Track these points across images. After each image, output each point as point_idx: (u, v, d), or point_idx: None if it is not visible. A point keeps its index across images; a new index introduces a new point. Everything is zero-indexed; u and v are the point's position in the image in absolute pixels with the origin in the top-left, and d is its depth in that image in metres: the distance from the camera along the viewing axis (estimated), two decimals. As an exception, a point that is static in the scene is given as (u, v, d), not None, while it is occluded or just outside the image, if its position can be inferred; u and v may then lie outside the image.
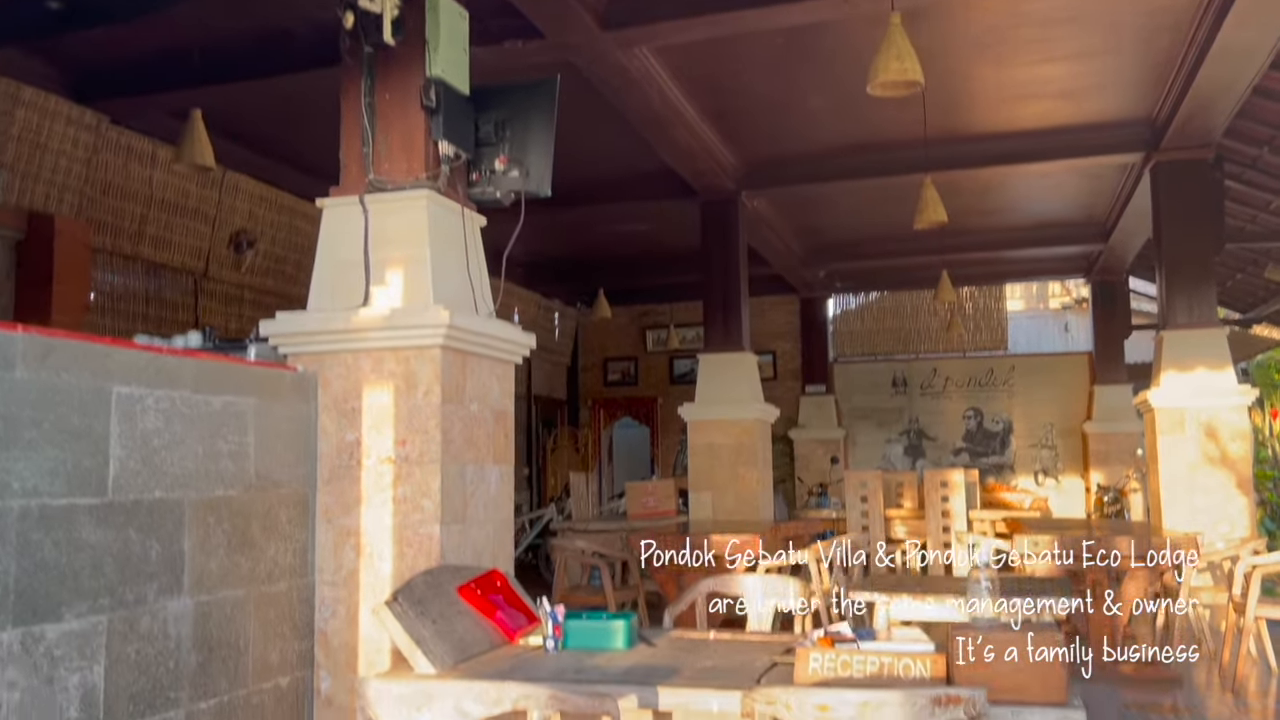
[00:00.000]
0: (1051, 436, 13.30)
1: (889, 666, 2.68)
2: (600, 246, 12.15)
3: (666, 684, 2.72)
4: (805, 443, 14.02)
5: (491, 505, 3.92)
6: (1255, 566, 5.63)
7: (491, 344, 3.92)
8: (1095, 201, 10.21)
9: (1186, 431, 7.58)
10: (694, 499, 8.76)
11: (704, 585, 4.23)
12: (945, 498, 9.61)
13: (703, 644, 3.40)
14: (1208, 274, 7.90)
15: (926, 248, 11.37)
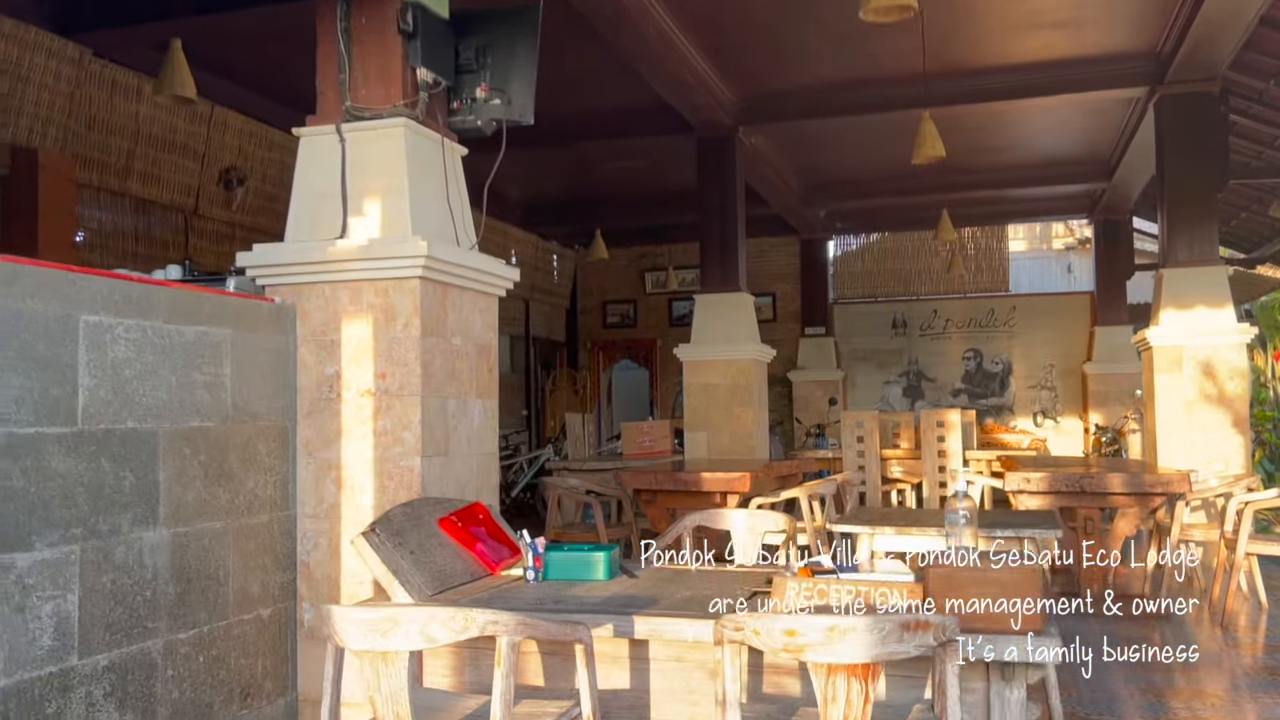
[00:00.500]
0: (1051, 378, 13.26)
1: (866, 596, 2.67)
2: (597, 186, 12.02)
3: (643, 613, 2.72)
4: (804, 384, 13.99)
5: (475, 439, 3.90)
6: (1248, 503, 5.63)
7: (473, 276, 3.86)
8: (1099, 138, 10.04)
9: (1184, 370, 7.53)
10: (689, 439, 8.76)
11: (690, 519, 4.23)
12: (941, 438, 9.61)
13: (685, 576, 3.39)
14: (1210, 210, 7.78)
15: (927, 186, 11.25)
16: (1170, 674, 4.67)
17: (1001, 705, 2.50)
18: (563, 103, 8.67)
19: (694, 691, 2.78)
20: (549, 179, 11.89)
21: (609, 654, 2.85)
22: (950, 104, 7.77)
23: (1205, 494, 6.28)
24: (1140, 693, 4.34)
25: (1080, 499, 5.76)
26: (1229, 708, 4.20)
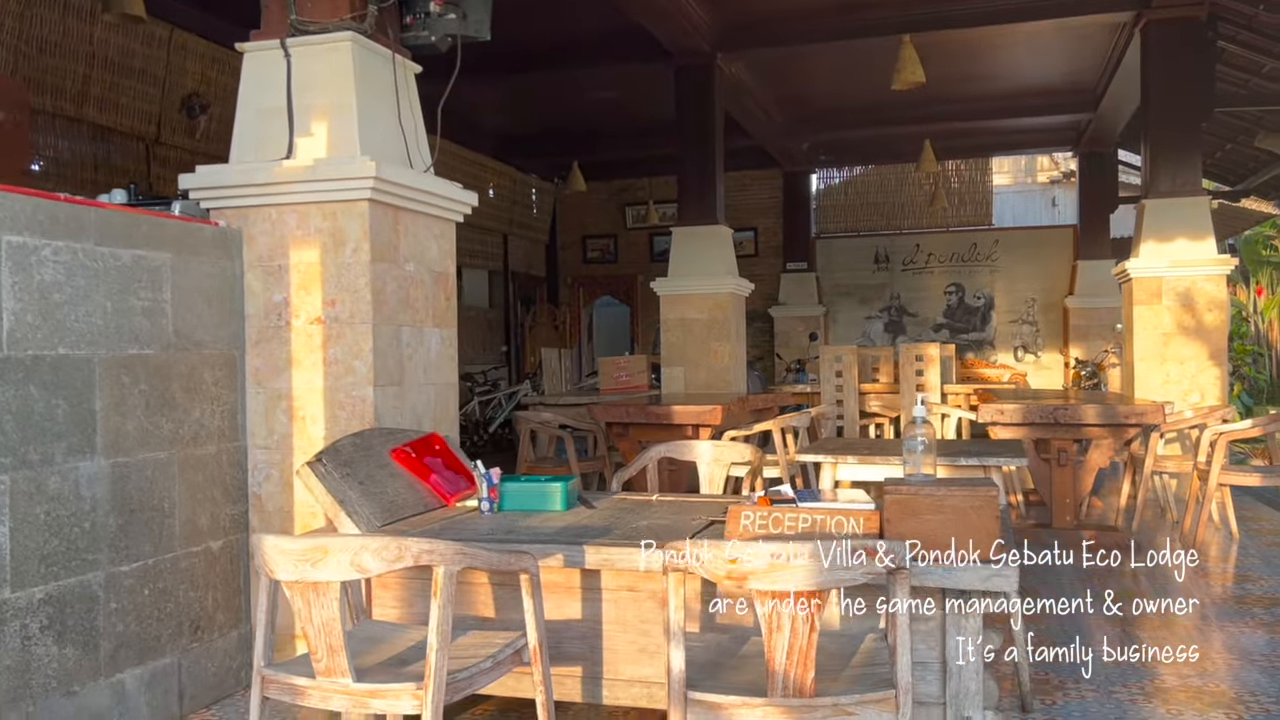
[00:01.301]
0: (1033, 312, 13.20)
1: (821, 523, 2.60)
2: (575, 117, 11.77)
3: (595, 543, 2.64)
4: (785, 320, 13.91)
5: (432, 369, 3.80)
6: (1221, 434, 5.60)
7: (428, 200, 3.72)
8: (1084, 66, 9.84)
9: (1163, 301, 7.46)
10: (666, 373, 8.68)
11: (655, 451, 4.15)
12: (920, 372, 9.59)
13: (645, 506, 3.32)
14: (1194, 140, 7.65)
15: (910, 117, 11.04)
16: (1140, 603, 4.66)
17: (960, 633, 2.45)
18: (535, 27, 8.41)
19: (647, 621, 2.72)
20: (525, 109, 11.63)
21: (561, 584, 2.79)
22: (932, 28, 7.57)
23: (1179, 425, 6.25)
24: (1108, 621, 4.32)
25: (1054, 430, 5.71)
26: (1197, 637, 4.19)
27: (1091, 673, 3.66)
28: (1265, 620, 4.34)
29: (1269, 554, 5.61)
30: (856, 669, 2.26)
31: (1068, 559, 2.96)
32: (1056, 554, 3.01)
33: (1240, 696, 3.39)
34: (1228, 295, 7.67)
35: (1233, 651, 3.95)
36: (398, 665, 2.31)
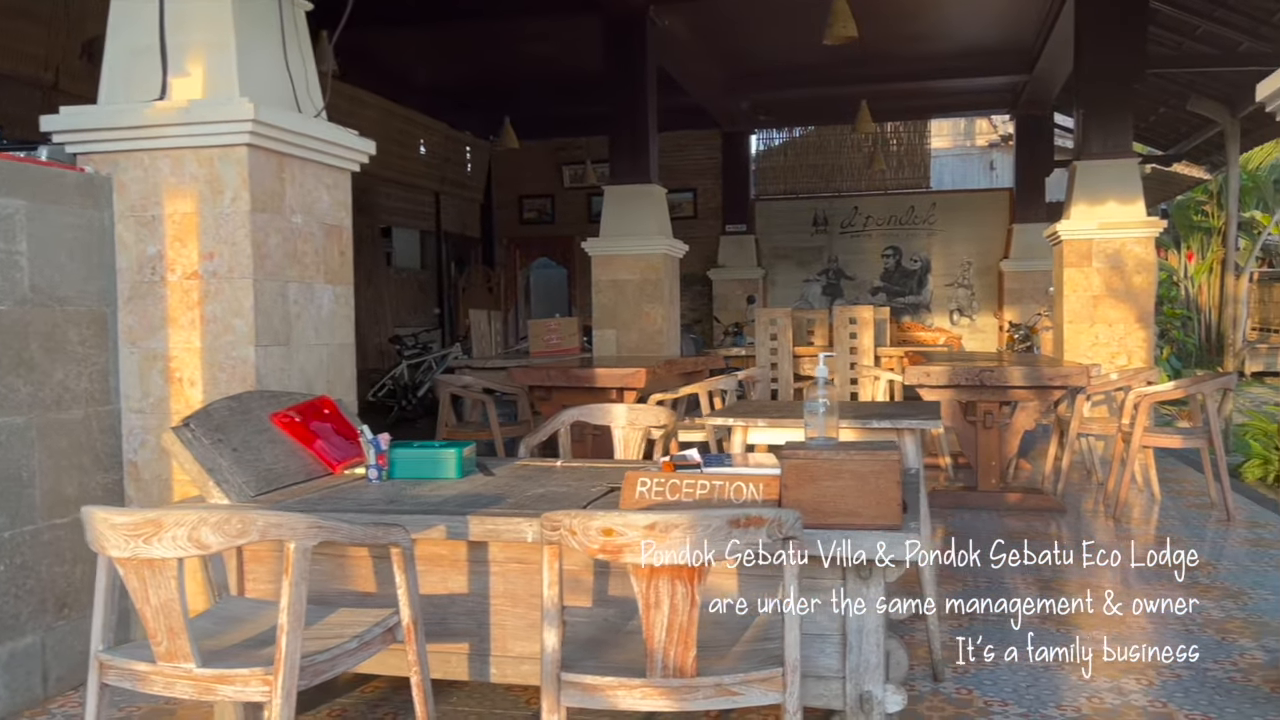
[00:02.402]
0: (969, 275, 13.23)
1: (719, 490, 2.46)
2: (509, 72, 11.41)
3: (482, 513, 2.48)
4: (724, 283, 13.79)
5: (325, 328, 3.57)
6: (1144, 395, 5.58)
7: (317, 147, 3.48)
8: (1020, 27, 9.76)
9: (1092, 263, 7.45)
10: (598, 336, 8.51)
11: (568, 414, 3.99)
12: (854, 335, 9.53)
13: (548, 472, 3.16)
14: (1126, 102, 7.60)
15: (849, 77, 10.91)
16: (1061, 566, 4.63)
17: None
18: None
19: (538, 596, 2.55)
20: (457, 63, 11.27)
21: (446, 557, 2.62)
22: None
23: (1105, 388, 6.24)
24: (1027, 584, 4.28)
25: (980, 393, 5.65)
26: (1112, 600, 4.16)
27: (1007, 638, 3.60)
28: (1180, 583, 4.32)
29: (1188, 515, 5.63)
30: (747, 645, 2.13)
31: (994, 520, 2.87)
32: (983, 517, 2.92)
33: (1152, 661, 3.34)
34: (1156, 258, 7.67)
35: (1146, 615, 3.91)
36: (255, 647, 2.13)
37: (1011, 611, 3.89)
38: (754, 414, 3.50)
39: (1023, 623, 3.74)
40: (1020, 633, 3.62)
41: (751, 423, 3.38)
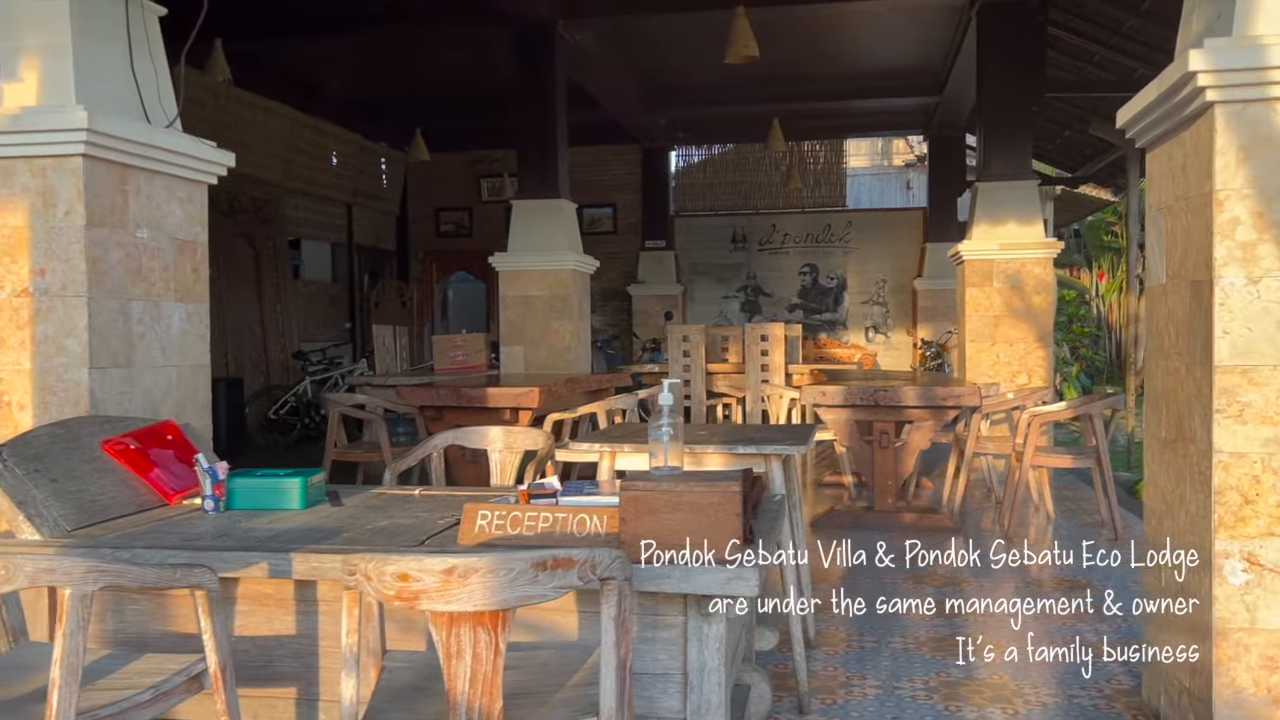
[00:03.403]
0: (883, 293, 13.37)
1: (562, 523, 2.36)
2: (424, 82, 11.24)
3: (308, 549, 2.34)
4: (643, 298, 13.75)
5: (174, 350, 3.39)
6: (1035, 415, 5.63)
7: (167, 159, 3.31)
8: (929, 50, 9.90)
9: (993, 283, 7.55)
10: (505, 353, 8.36)
11: (441, 438, 3.86)
12: (765, 352, 9.51)
13: (402, 502, 3.02)
14: (1025, 125, 7.75)
15: (765, 96, 10.96)
16: (945, 586, 4.63)
17: (700, 642, 2.24)
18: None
19: (368, 636, 2.42)
20: (371, 73, 11.06)
21: (272, 596, 2.48)
22: (769, 3, 7.41)
23: (999, 407, 6.29)
24: (905, 609, 4.25)
25: (875, 412, 5.66)
26: (990, 624, 4.15)
27: (879, 668, 3.55)
28: (1059, 604, 4.33)
29: (1078, 534, 5.69)
30: (572, 690, 2.02)
31: (886, 540, 2.85)
32: (877, 536, 2.88)
33: (1019, 689, 3.32)
34: (1054, 278, 7.81)
35: (1020, 638, 3.91)
36: (37, 701, 1.96)
37: (885, 639, 3.85)
38: (621, 439, 3.41)
39: (895, 652, 3.70)
40: (892, 662, 3.59)
41: (618, 448, 3.29)
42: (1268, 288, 2.47)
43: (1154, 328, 2.97)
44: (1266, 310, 2.46)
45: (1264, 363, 2.47)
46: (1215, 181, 2.49)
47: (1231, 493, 2.49)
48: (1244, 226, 2.48)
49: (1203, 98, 2.50)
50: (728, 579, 2.13)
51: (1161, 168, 2.92)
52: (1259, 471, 2.47)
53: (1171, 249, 2.83)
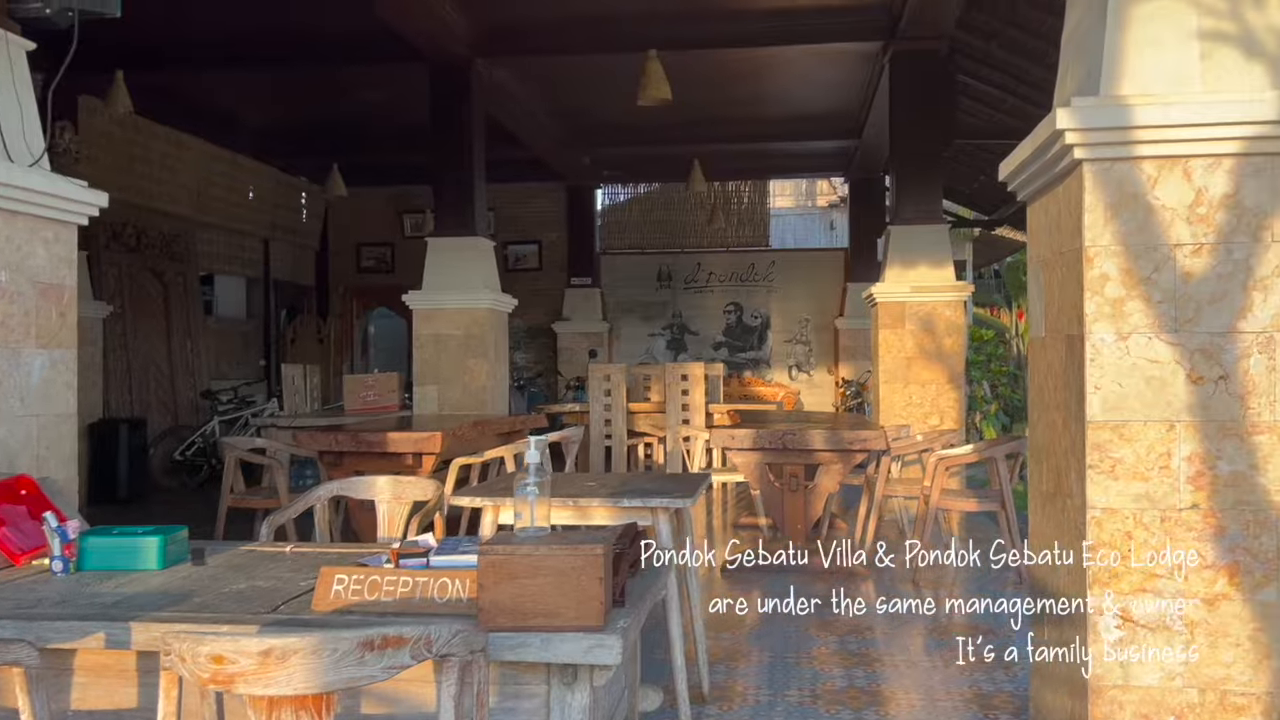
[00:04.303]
0: (806, 332, 13.49)
1: (423, 587, 2.26)
2: (342, 116, 11.10)
3: (151, 617, 2.20)
4: (569, 336, 13.68)
5: (35, 397, 3.22)
6: (942, 459, 5.67)
7: (30, 199, 3.16)
8: (847, 94, 10.07)
9: (905, 325, 7.63)
10: (418, 393, 8.20)
11: (325, 488, 3.71)
12: (686, 391, 9.50)
13: (271, 560, 2.88)
14: (936, 170, 7.89)
15: (688, 137, 11.04)
16: (850, 634, 4.60)
17: (563, 712, 2.15)
18: (280, 18, 7.82)
19: (212, 710, 2.29)
20: (288, 107, 10.90)
21: (113, 667, 2.32)
22: (681, 47, 7.48)
23: (906, 450, 6.33)
24: (808, 659, 4.21)
25: (784, 455, 5.64)
26: (894, 670, 4.12)
27: None
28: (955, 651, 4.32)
29: (984, 579, 5.72)
30: (418, 769, 1.92)
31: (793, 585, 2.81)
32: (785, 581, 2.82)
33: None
34: (965, 320, 7.93)
35: (915, 687, 3.89)
36: None
37: (784, 692, 3.80)
38: (505, 491, 3.32)
39: (790, 707, 3.65)
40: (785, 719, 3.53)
41: (500, 502, 3.20)
42: (1136, 344, 2.48)
43: (1035, 381, 2.99)
44: (1135, 366, 2.48)
45: (1134, 418, 2.48)
46: (1085, 238, 2.51)
47: (1105, 548, 2.49)
48: (1113, 283, 2.49)
49: (1071, 155, 2.52)
50: (590, 646, 2.05)
51: (1039, 221, 2.95)
52: (1131, 527, 2.47)
53: (1050, 303, 2.85)
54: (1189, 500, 2.45)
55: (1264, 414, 2.42)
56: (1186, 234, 2.47)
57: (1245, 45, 2.50)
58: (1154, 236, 2.48)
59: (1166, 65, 2.51)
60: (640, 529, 2.76)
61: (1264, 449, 2.42)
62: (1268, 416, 2.42)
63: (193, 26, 8.04)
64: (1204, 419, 2.45)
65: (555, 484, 3.66)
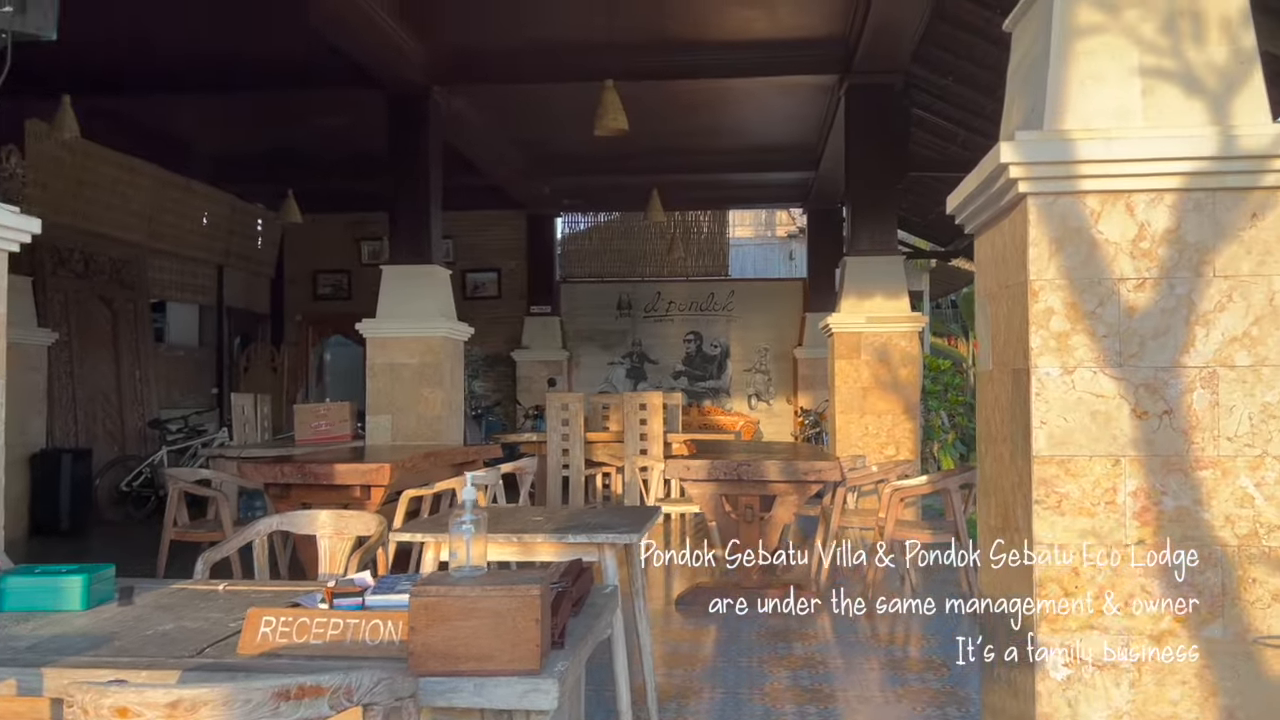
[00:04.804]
0: (765, 361, 13.52)
1: (354, 629, 2.18)
2: (298, 143, 11.01)
3: (65, 662, 2.10)
4: (528, 364, 13.60)
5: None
6: (896, 489, 5.66)
7: (-47, 225, 3.06)
8: (805, 127, 10.16)
9: (861, 355, 7.65)
10: (371, 423, 8.07)
11: (265, 523, 3.62)
12: (644, 420, 9.44)
13: (202, 600, 2.78)
14: (890, 201, 7.96)
15: (647, 167, 11.08)
16: (803, 668, 4.55)
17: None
18: (233, 44, 7.74)
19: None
20: (244, 134, 10.80)
21: (26, 714, 2.21)
22: (638, 78, 7.50)
23: (861, 480, 6.32)
24: (760, 694, 4.15)
25: (739, 486, 5.60)
26: (845, 706, 4.07)
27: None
28: (913, 690, 4.29)
29: (938, 612, 5.69)
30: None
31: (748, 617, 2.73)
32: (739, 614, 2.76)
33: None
34: (920, 350, 7.97)
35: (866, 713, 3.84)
36: None
37: None
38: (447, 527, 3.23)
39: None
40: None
41: (442, 538, 3.12)
42: (1081, 378, 2.47)
43: (982, 414, 2.97)
44: (1081, 401, 2.47)
45: (1080, 453, 2.46)
46: (1030, 271, 2.50)
47: (1052, 585, 2.46)
48: (1058, 317, 2.49)
49: (1016, 189, 2.52)
50: (525, 691, 1.98)
51: (986, 254, 2.95)
52: (1077, 564, 2.45)
53: (996, 336, 2.84)
54: (1135, 536, 2.44)
55: (1207, 449, 2.42)
56: (1130, 268, 2.47)
57: (1186, 82, 2.52)
58: (1098, 271, 2.48)
59: (1109, 100, 2.52)
60: (586, 565, 2.70)
61: (1208, 484, 2.41)
62: (1211, 451, 2.41)
63: (143, 51, 7.95)
64: (1149, 454, 2.44)
65: (501, 518, 3.59)
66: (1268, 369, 2.40)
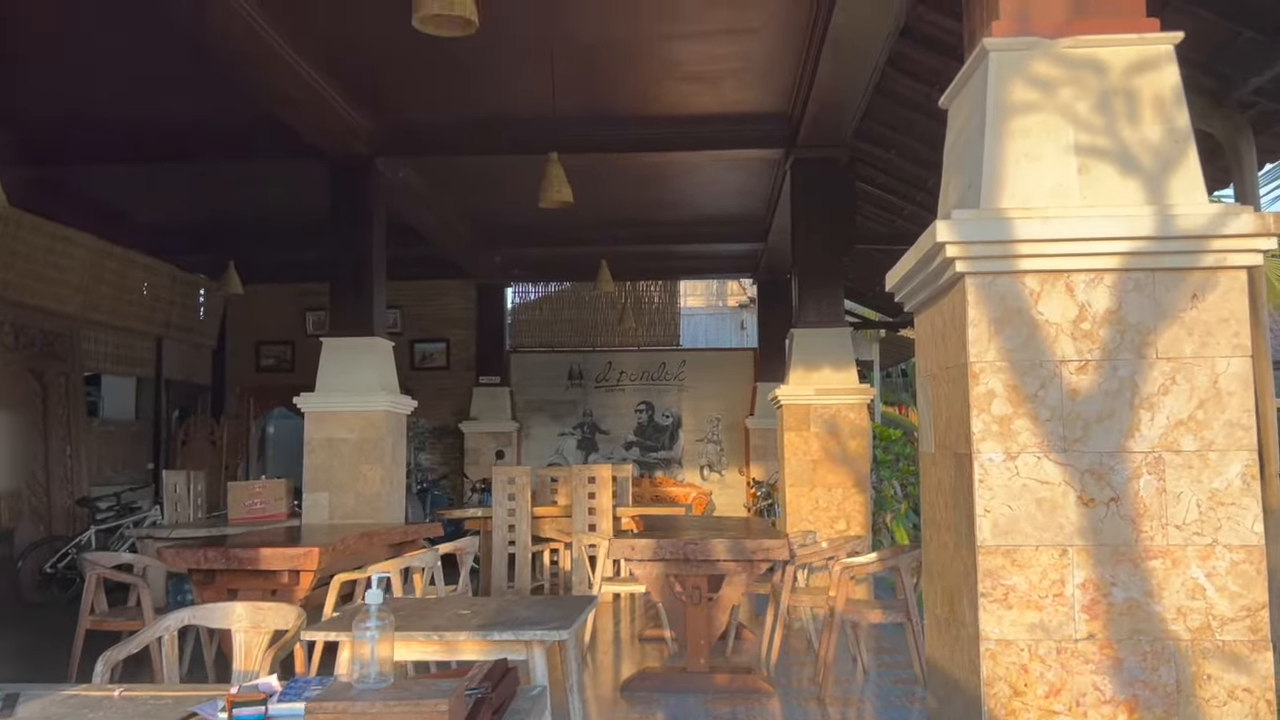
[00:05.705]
0: (717, 431, 13.42)
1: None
2: (241, 212, 10.84)
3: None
4: (476, 435, 13.36)
5: None
6: (846, 567, 5.52)
7: None
8: (753, 199, 10.21)
9: (810, 428, 7.57)
10: (309, 500, 7.79)
11: (173, 618, 3.38)
12: (592, 494, 9.24)
13: (95, 706, 2.55)
14: (837, 273, 7.96)
15: (597, 238, 11.07)
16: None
17: None
18: (169, 113, 7.61)
19: None
20: (184, 203, 10.59)
21: None
22: (584, 151, 7.49)
23: (811, 558, 6.18)
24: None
25: (687, 566, 5.43)
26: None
27: None
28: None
29: (890, 693, 5.53)
30: None
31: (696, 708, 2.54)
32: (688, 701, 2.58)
33: None
34: (870, 423, 7.91)
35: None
36: None
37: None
38: (366, 624, 3.03)
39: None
40: None
41: (358, 636, 2.91)
42: (1025, 464, 2.38)
43: (926, 498, 2.87)
44: (1026, 488, 2.37)
45: (1026, 543, 2.36)
46: (970, 353, 2.42)
47: (1000, 683, 2.33)
48: (999, 400, 2.40)
49: (953, 268, 2.45)
50: (430, 819, 1.79)
51: (926, 333, 2.88)
52: (1026, 660, 2.33)
53: (938, 417, 2.75)
54: (1085, 630, 2.33)
55: (1156, 537, 2.32)
56: (1072, 350, 2.40)
57: (1122, 160, 2.48)
58: (1039, 352, 2.40)
59: (1046, 179, 2.48)
60: (511, 666, 2.53)
61: (1158, 575, 2.31)
62: (1160, 540, 2.32)
63: (78, 120, 7.79)
64: (1096, 543, 2.34)
65: (425, 612, 3.39)
66: (1214, 454, 2.33)
